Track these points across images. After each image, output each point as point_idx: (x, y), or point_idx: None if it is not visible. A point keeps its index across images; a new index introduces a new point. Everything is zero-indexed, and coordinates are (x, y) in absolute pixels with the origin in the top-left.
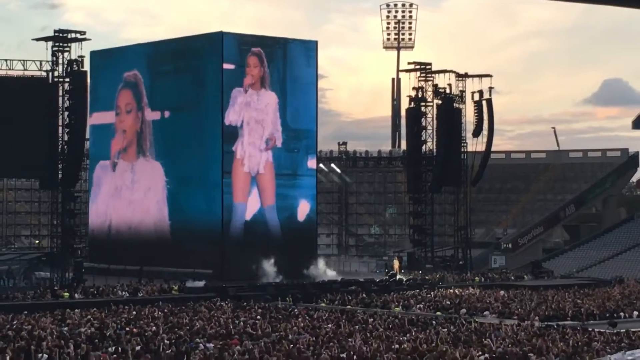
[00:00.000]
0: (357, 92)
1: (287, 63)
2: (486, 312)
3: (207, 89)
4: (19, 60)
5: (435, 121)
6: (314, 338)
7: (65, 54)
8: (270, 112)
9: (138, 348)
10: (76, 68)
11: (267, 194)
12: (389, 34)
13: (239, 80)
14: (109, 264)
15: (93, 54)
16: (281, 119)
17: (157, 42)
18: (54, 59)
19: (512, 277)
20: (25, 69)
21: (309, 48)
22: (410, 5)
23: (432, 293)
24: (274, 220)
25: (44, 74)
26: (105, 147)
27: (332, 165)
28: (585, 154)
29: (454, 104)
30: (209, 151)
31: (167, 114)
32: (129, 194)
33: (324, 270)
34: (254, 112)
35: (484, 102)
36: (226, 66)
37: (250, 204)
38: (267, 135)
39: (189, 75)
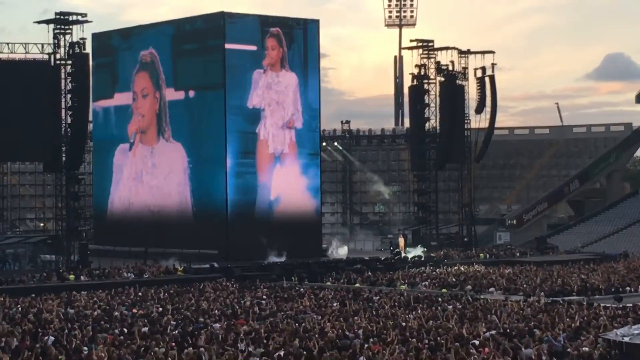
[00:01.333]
0: (359, 71)
1: (309, 43)
2: (492, 289)
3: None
4: (21, 43)
5: (438, 98)
6: (320, 317)
7: (67, 37)
8: (290, 93)
9: (145, 329)
10: (78, 50)
11: (288, 174)
12: (390, 12)
13: (258, 61)
14: (114, 246)
15: (95, 36)
16: (302, 99)
17: (175, 21)
18: (56, 41)
19: (517, 254)
20: (27, 52)
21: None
22: None
23: (437, 270)
24: (292, 199)
25: (46, 57)
26: (124, 128)
27: (336, 144)
28: (589, 129)
29: (457, 81)
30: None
31: (192, 93)
32: (149, 178)
33: (338, 248)
34: (274, 94)
35: (487, 79)
36: (247, 47)
37: (275, 184)
38: (287, 117)
39: (212, 55)
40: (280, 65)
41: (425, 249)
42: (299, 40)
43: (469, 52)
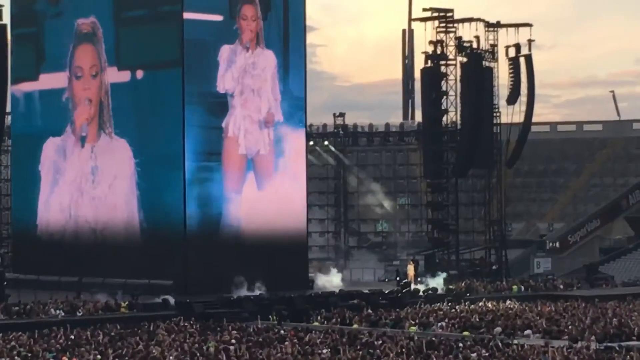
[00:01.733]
0: (358, 48)
1: (291, 12)
2: (528, 332)
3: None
4: None
5: (459, 85)
6: None
7: None
8: (268, 78)
9: None
10: None
11: (267, 180)
12: None
13: (228, 35)
14: (38, 274)
15: (14, 1)
16: (282, 85)
17: None
18: None
19: (561, 286)
20: None
21: None
22: None
23: (457, 307)
24: (269, 214)
25: None
26: (58, 119)
27: (326, 143)
28: None
29: (484, 62)
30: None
31: (139, 73)
32: (88, 186)
33: (329, 278)
34: (249, 78)
35: (522, 60)
36: (211, 17)
37: (246, 195)
38: (264, 108)
39: (163, 26)
40: (256, 41)
41: (445, 278)
42: (277, 9)
43: (499, 24)
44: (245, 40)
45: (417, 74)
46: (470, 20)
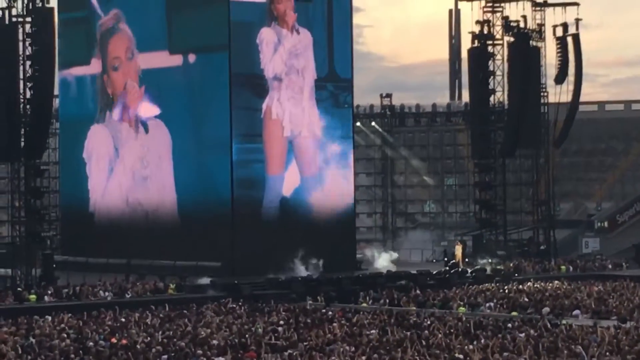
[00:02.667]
0: (404, 29)
1: None
2: (576, 312)
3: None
4: None
5: (506, 64)
6: (353, 348)
7: None
8: (310, 58)
9: None
10: (40, 4)
11: (309, 163)
12: None
13: (269, 17)
14: (87, 257)
15: None
16: (328, 67)
17: None
18: None
19: (610, 266)
20: None
21: None
22: None
23: (505, 288)
24: (314, 197)
25: None
26: (104, 104)
27: (373, 123)
28: None
29: (531, 42)
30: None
31: (192, 57)
32: (134, 169)
33: (377, 259)
34: (291, 59)
35: (570, 39)
36: None
37: (288, 177)
38: (308, 90)
39: (211, 9)
40: (298, 22)
41: (491, 260)
42: None
43: (546, 4)
44: (285, 22)
45: (464, 54)
46: None
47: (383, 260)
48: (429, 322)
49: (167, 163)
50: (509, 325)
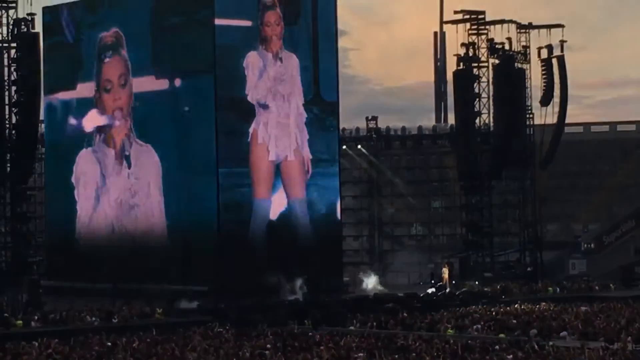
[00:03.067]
0: (389, 52)
1: (321, 16)
2: (564, 333)
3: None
4: None
5: (491, 87)
6: None
7: (11, 12)
8: (296, 83)
9: None
10: (25, 29)
11: (296, 186)
12: None
13: (255, 41)
14: (73, 282)
15: (47, 10)
16: (313, 90)
17: None
18: None
19: (597, 287)
20: None
21: None
22: None
23: (492, 310)
24: (301, 219)
25: None
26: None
27: (359, 146)
28: None
29: (516, 64)
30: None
31: (177, 81)
32: (121, 194)
33: (365, 281)
34: (276, 84)
35: (555, 61)
36: (240, 22)
37: (275, 201)
38: (294, 115)
39: (197, 33)
40: (284, 45)
41: (478, 282)
42: (307, 13)
43: (530, 25)
44: (271, 47)
45: (450, 77)
46: (502, 22)
47: (370, 283)
48: (416, 345)
49: (154, 187)
50: (497, 347)
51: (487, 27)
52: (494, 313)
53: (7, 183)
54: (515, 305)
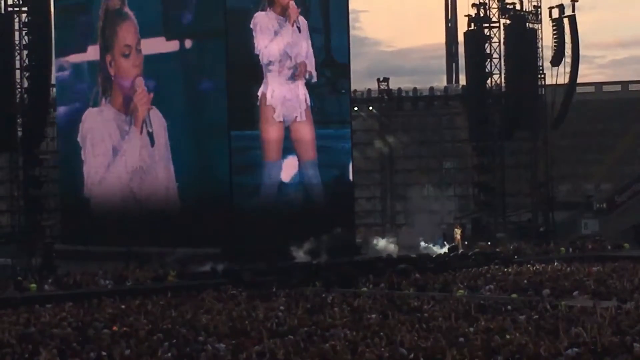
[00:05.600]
0: (400, 13)
1: None
2: (576, 293)
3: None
4: None
5: (502, 47)
6: (354, 333)
7: None
8: (304, 44)
9: (128, 352)
10: None
11: (307, 148)
12: None
13: (264, 2)
14: (86, 245)
15: None
16: (324, 52)
17: None
18: None
19: (609, 247)
20: None
21: None
22: None
23: (505, 270)
24: (313, 182)
25: None
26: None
27: (370, 108)
28: None
29: (527, 24)
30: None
31: (188, 43)
32: (131, 157)
33: (383, 245)
34: (287, 45)
35: (566, 20)
36: None
37: (286, 163)
38: (302, 73)
39: None
40: (291, 7)
41: (489, 243)
42: None
43: None
44: (279, 9)
45: (461, 38)
46: None
47: (381, 244)
48: (429, 306)
49: (164, 150)
50: (509, 307)
51: None
52: (506, 273)
53: (20, 147)
54: (528, 266)
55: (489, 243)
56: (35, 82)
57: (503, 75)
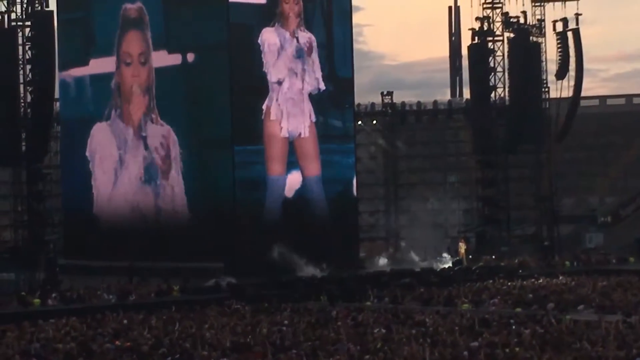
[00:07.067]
0: (404, 27)
1: None
2: (581, 307)
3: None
4: None
5: (506, 61)
6: (358, 347)
7: None
8: (309, 59)
9: None
10: (39, 7)
11: (311, 163)
12: None
13: (270, 18)
14: (89, 260)
15: None
16: (328, 67)
17: None
18: None
19: (614, 260)
20: None
21: None
22: None
23: (509, 284)
24: (317, 197)
25: None
26: (108, 104)
27: (374, 122)
28: None
29: (531, 38)
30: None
31: (190, 56)
32: (136, 172)
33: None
34: (293, 60)
35: (570, 34)
36: (255, 0)
37: (290, 178)
38: (307, 89)
39: (210, 9)
40: (298, 23)
41: (494, 257)
42: None
43: None
44: (288, 24)
45: (465, 51)
46: None
47: (382, 260)
48: (433, 320)
49: (171, 165)
50: (513, 321)
51: (502, 0)
52: (510, 287)
53: (23, 162)
54: (532, 280)
55: (493, 257)
56: (38, 96)
57: (507, 89)
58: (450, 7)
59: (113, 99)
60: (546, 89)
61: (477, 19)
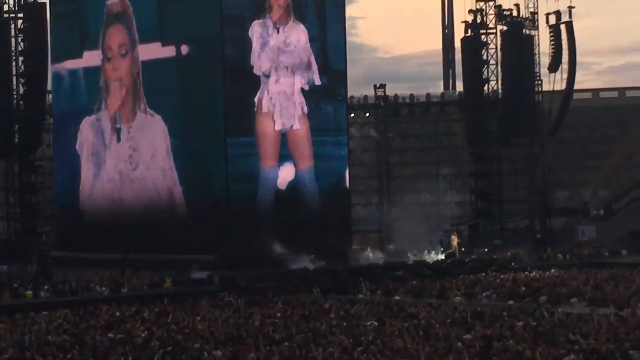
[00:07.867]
0: (397, 20)
1: None
2: (573, 300)
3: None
4: None
5: (499, 53)
6: (351, 339)
7: None
8: (301, 52)
9: (123, 359)
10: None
11: (303, 156)
12: None
13: (259, 10)
14: (82, 252)
15: None
16: (321, 59)
17: None
18: None
19: (606, 253)
20: None
21: None
22: None
23: (502, 277)
24: (310, 189)
25: None
26: (99, 97)
27: (367, 114)
28: None
29: (524, 30)
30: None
31: (184, 49)
32: (128, 165)
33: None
34: (281, 53)
35: (563, 27)
36: None
37: (283, 170)
38: (299, 85)
39: (202, 2)
40: (290, 15)
41: (486, 249)
42: None
43: None
44: (274, 17)
45: (457, 44)
46: None
47: (373, 253)
48: (425, 313)
49: (161, 157)
50: (506, 314)
51: None
52: (503, 280)
53: (16, 154)
54: (525, 272)
55: (486, 250)
56: (31, 88)
57: (500, 82)
58: (443, 0)
59: (101, 93)
60: (539, 82)
61: (470, 11)
